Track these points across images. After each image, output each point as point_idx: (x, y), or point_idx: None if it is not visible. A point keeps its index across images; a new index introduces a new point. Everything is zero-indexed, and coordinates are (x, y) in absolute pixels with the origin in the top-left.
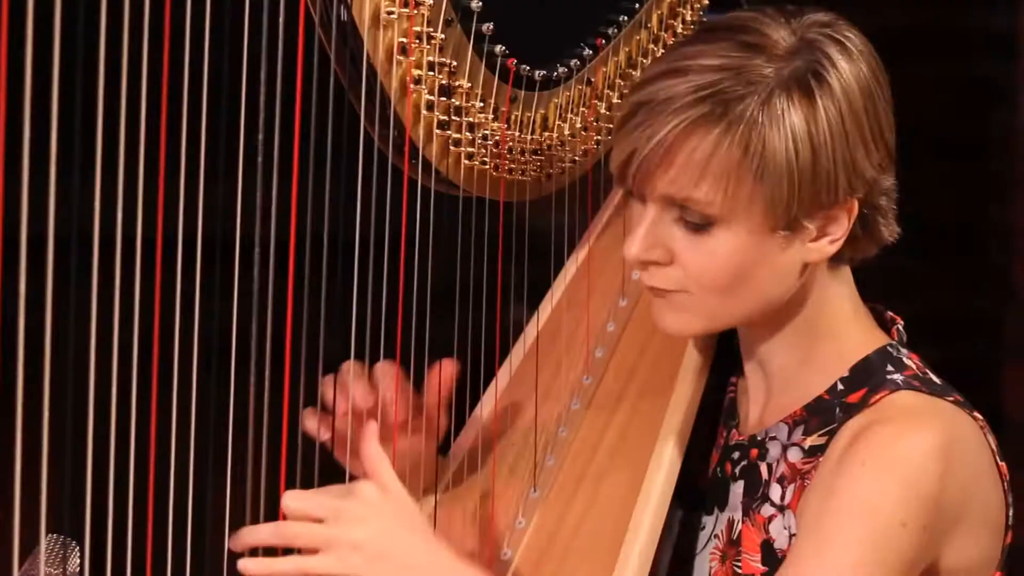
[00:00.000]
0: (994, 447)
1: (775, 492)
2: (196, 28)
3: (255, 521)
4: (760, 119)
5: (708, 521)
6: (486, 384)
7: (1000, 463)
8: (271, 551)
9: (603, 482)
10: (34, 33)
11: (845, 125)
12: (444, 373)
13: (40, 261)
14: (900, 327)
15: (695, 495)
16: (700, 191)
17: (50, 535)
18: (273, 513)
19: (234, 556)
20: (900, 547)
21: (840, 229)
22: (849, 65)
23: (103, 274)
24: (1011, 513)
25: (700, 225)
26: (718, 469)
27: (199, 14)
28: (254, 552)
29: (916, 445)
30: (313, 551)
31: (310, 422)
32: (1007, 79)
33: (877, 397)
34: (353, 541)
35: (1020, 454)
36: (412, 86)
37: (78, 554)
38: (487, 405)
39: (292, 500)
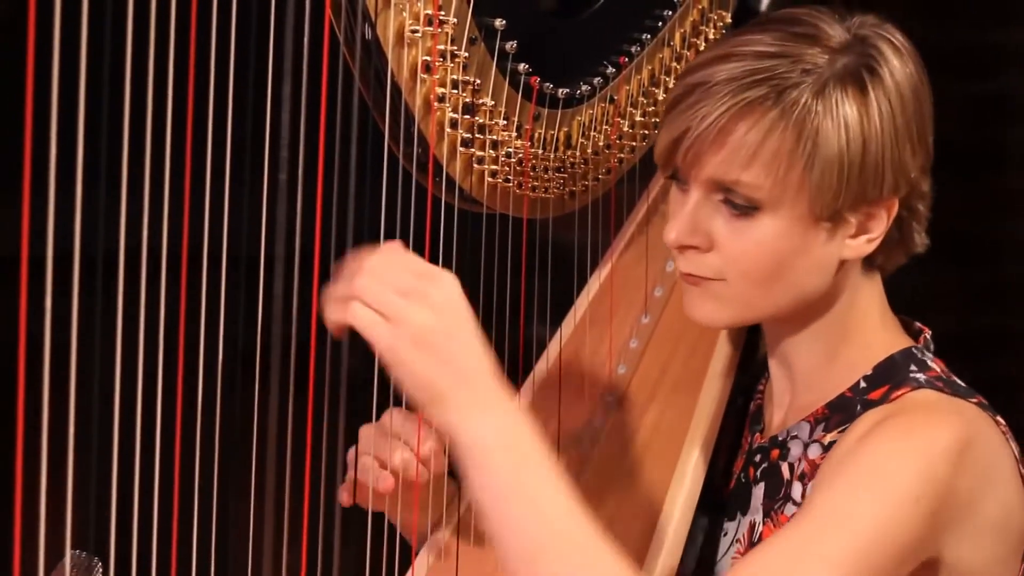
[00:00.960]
0: (1017, 454)
1: (797, 491)
2: (221, 46)
3: (279, 536)
4: (815, 107)
5: (730, 527)
6: None
7: (1023, 470)
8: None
9: (627, 495)
10: (60, 51)
11: (895, 122)
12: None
13: (67, 275)
14: (927, 336)
15: (719, 503)
16: (750, 174)
17: (74, 551)
18: (298, 528)
19: (257, 572)
20: (910, 523)
21: (879, 227)
22: (900, 64)
23: (128, 288)
24: None
25: (745, 210)
26: (741, 475)
27: (224, 31)
28: None
29: (935, 435)
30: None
31: (346, 496)
32: None
33: (898, 393)
34: (416, 324)
35: None
36: (436, 104)
37: (101, 571)
38: None
39: (381, 255)
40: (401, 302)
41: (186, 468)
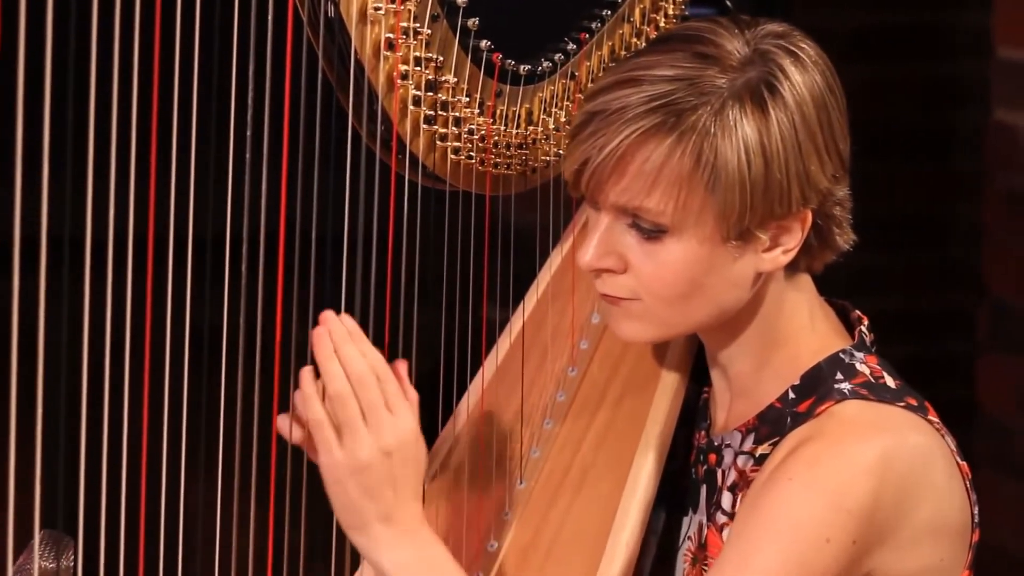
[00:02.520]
0: (953, 448)
1: (726, 500)
2: (186, 26)
3: (245, 517)
4: (712, 129)
5: (685, 521)
6: (473, 376)
7: (961, 463)
8: None
9: (589, 473)
10: (26, 36)
11: (798, 136)
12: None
13: (34, 259)
14: (864, 328)
15: (676, 494)
16: (652, 200)
17: (44, 530)
18: (263, 510)
19: (225, 551)
20: (823, 563)
21: (793, 239)
22: (802, 76)
23: (95, 272)
24: (976, 511)
25: (652, 234)
26: (692, 470)
27: (189, 11)
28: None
29: (847, 461)
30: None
31: (282, 422)
32: (978, 77)
33: (822, 408)
34: (362, 457)
35: (992, 448)
36: (399, 81)
37: (72, 549)
38: (473, 396)
39: (352, 362)
40: (358, 430)
41: (154, 448)
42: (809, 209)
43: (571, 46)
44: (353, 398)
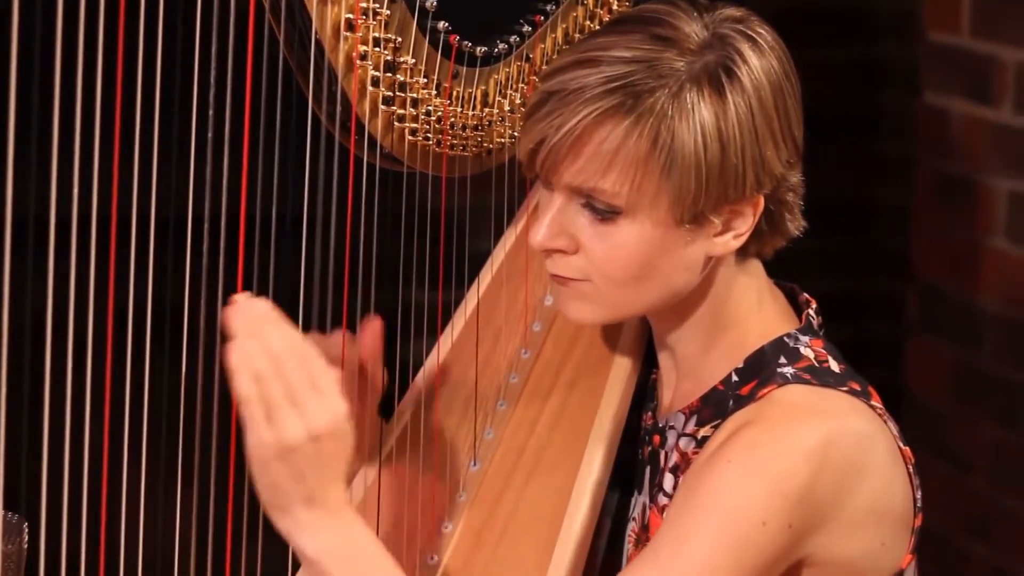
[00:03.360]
0: (895, 433)
1: (668, 482)
2: (149, 6)
3: (204, 502)
4: (670, 112)
5: (632, 502)
6: (428, 356)
7: (904, 447)
8: None
9: (543, 456)
10: None
11: (755, 121)
12: (373, 327)
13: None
14: (812, 311)
15: (628, 476)
16: (607, 182)
17: (3, 512)
18: (222, 498)
19: (185, 539)
20: (759, 546)
21: (745, 224)
22: (760, 61)
23: (59, 255)
24: (919, 496)
25: (606, 215)
26: (639, 451)
27: None
28: None
29: (786, 445)
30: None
31: None
32: (905, 60)
33: (764, 391)
34: (287, 439)
35: (921, 431)
36: (358, 62)
37: (28, 532)
38: (427, 376)
39: (271, 341)
40: (284, 410)
41: (115, 433)
42: (762, 194)
43: (526, 28)
44: (275, 377)
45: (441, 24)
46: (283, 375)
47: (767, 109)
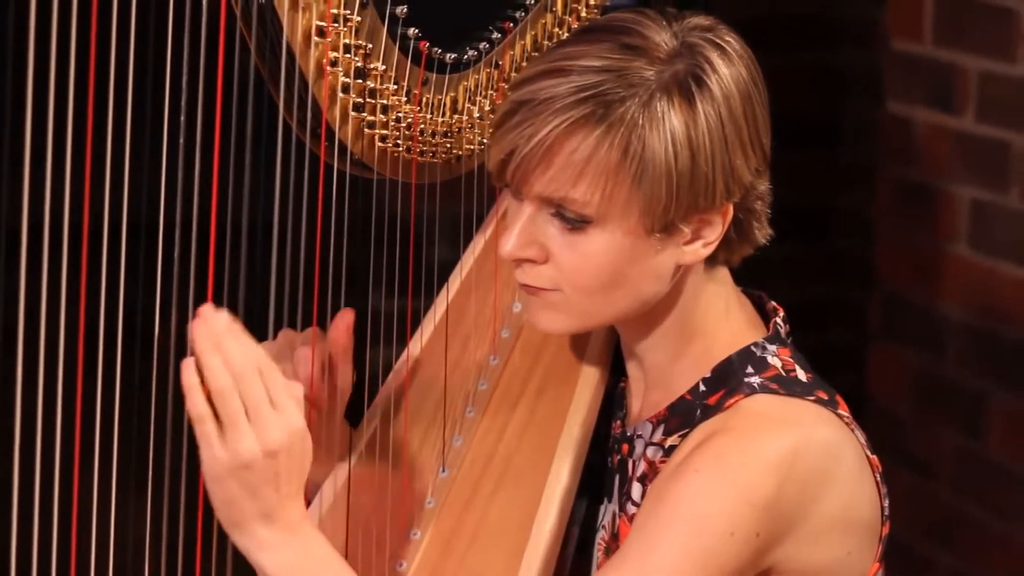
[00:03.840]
0: (863, 441)
1: (636, 491)
2: (121, 12)
3: (174, 508)
4: (640, 121)
5: (601, 510)
6: (396, 363)
7: (871, 456)
8: None
9: (511, 463)
10: None
11: (724, 130)
12: (345, 320)
13: None
14: (780, 319)
15: (596, 484)
16: (578, 191)
17: None
18: (192, 504)
19: (155, 547)
20: (726, 555)
21: (714, 233)
22: (729, 70)
23: (31, 260)
24: (887, 504)
25: (576, 224)
26: (608, 459)
27: None
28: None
29: (753, 455)
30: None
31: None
32: (870, 68)
33: (731, 401)
34: (242, 455)
35: (884, 438)
36: (328, 68)
37: None
38: (396, 383)
39: (232, 356)
40: (240, 427)
41: (86, 441)
42: (731, 203)
43: (495, 35)
44: (235, 393)
45: (411, 31)
46: (242, 391)
47: (736, 117)
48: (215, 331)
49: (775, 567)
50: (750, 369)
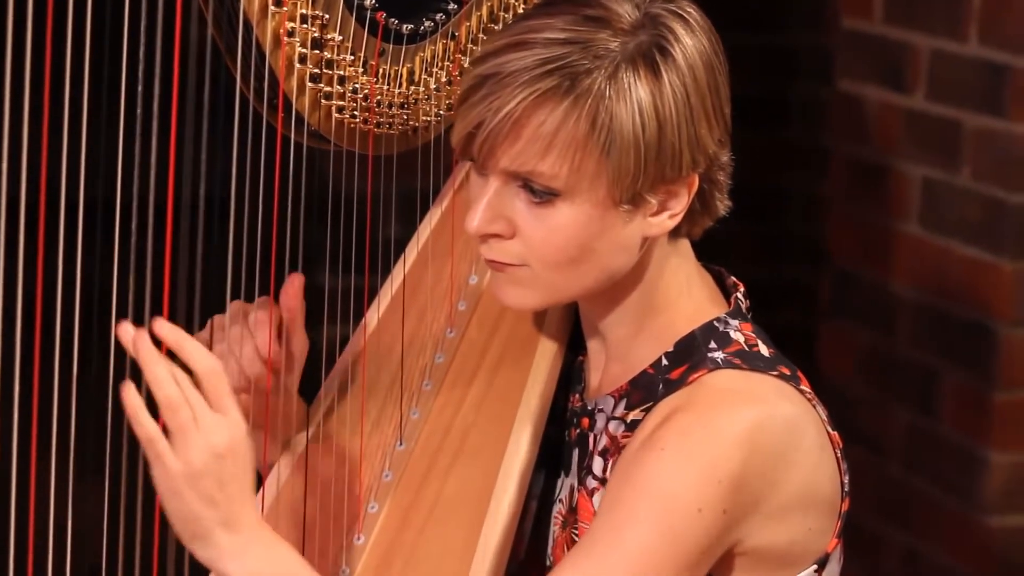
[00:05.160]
0: (824, 417)
1: (597, 465)
2: None
3: (131, 496)
4: (607, 93)
5: (558, 484)
6: (353, 334)
7: (832, 432)
8: None
9: (469, 436)
10: None
11: (690, 100)
12: (294, 284)
13: None
14: (740, 294)
15: (553, 458)
16: (546, 164)
17: None
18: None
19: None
20: (695, 533)
21: (680, 204)
22: (692, 40)
23: None
24: (847, 480)
25: (544, 198)
26: (566, 433)
27: None
28: None
29: (718, 431)
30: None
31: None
32: (820, 47)
33: (695, 376)
34: (194, 462)
35: (835, 416)
36: (285, 39)
37: None
38: (353, 355)
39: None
40: (189, 433)
41: (43, 426)
42: (696, 173)
43: (452, 5)
44: (185, 403)
45: (368, 1)
46: (188, 394)
47: (700, 87)
48: (148, 345)
49: (736, 546)
50: (713, 344)
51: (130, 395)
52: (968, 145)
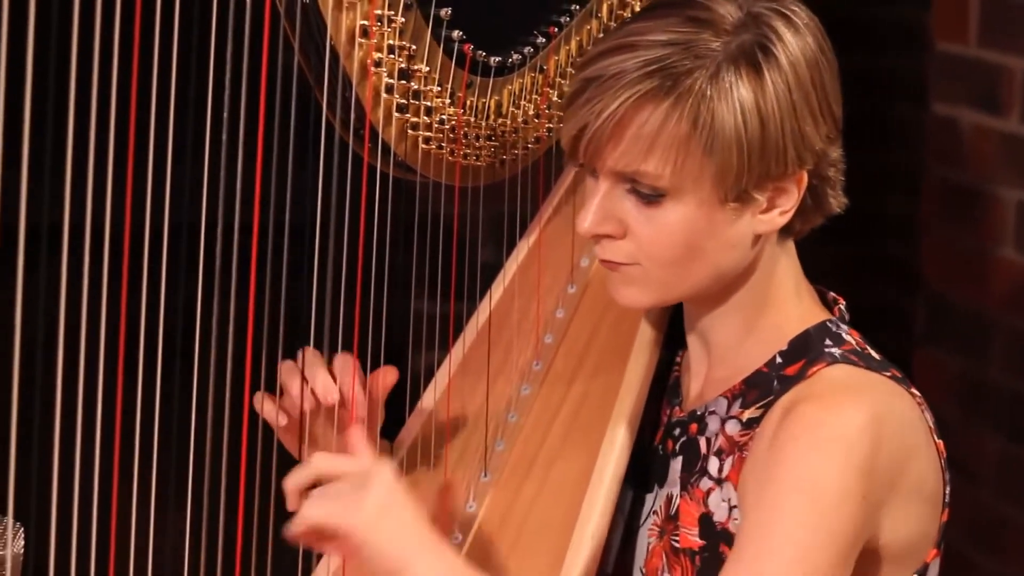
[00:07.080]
0: (931, 424)
1: (713, 465)
2: (165, 14)
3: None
4: (708, 92)
5: (649, 498)
6: (439, 367)
7: (938, 440)
8: None
9: (555, 465)
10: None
11: (793, 97)
12: (386, 377)
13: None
14: (842, 306)
15: (642, 474)
16: (649, 164)
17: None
18: (233, 509)
19: (177, 536)
20: (843, 521)
21: (790, 201)
22: (796, 38)
23: (72, 264)
24: (948, 491)
25: (650, 198)
26: (660, 447)
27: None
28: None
29: (846, 418)
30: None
31: (267, 405)
32: (915, 70)
33: (814, 369)
34: (371, 502)
35: None
36: (372, 69)
37: (23, 536)
38: (439, 387)
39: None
40: (356, 492)
41: (126, 441)
42: (805, 170)
43: (540, 39)
44: (343, 468)
45: (456, 33)
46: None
47: (804, 85)
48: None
49: (872, 542)
50: (829, 341)
51: (293, 492)
52: None
